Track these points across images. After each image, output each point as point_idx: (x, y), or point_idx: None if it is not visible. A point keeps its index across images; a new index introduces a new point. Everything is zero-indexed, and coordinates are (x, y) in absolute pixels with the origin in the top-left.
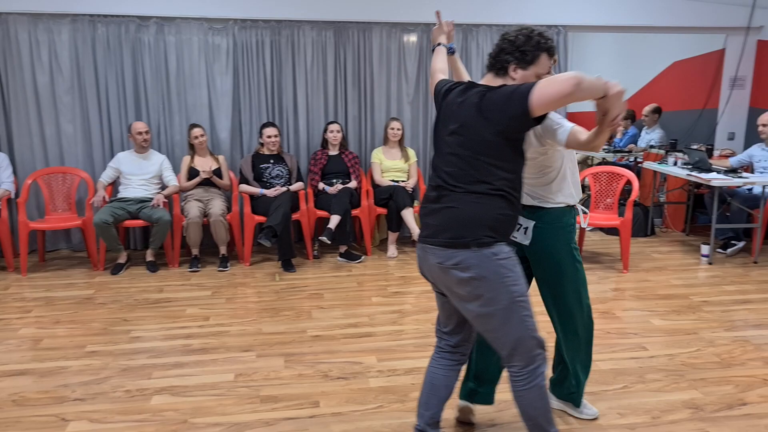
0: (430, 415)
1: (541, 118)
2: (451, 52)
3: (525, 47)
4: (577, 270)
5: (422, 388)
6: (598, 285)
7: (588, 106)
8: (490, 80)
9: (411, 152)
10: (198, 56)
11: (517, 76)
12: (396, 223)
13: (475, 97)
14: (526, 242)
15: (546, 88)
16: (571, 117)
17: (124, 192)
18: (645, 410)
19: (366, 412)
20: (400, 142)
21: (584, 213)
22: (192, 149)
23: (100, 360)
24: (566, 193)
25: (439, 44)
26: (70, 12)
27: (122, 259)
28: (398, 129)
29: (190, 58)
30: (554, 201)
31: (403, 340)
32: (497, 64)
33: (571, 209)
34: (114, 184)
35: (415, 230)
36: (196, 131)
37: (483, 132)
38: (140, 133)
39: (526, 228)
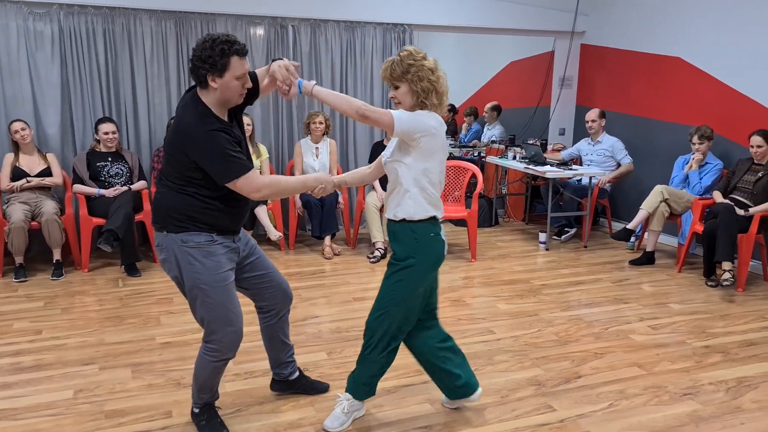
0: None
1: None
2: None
3: (213, 57)
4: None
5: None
6: (449, 274)
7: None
8: (200, 93)
9: (263, 148)
10: (17, 43)
11: (216, 84)
12: (250, 221)
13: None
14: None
15: None
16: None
17: None
18: (494, 390)
19: (224, 417)
20: (251, 138)
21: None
22: (15, 146)
23: None
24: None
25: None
26: None
27: None
28: (247, 125)
29: (8, 46)
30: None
31: (259, 341)
32: (197, 78)
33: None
34: None
35: (270, 228)
36: (16, 125)
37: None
38: None
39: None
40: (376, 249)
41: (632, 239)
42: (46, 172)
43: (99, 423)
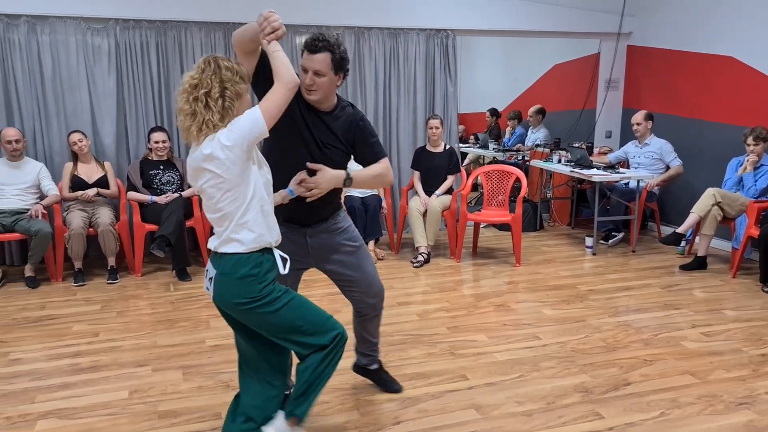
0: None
1: None
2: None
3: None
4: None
5: None
6: (493, 279)
7: (478, 106)
8: None
9: None
10: (76, 58)
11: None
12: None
13: None
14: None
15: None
16: (463, 117)
17: None
18: (540, 396)
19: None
20: None
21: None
22: (74, 156)
23: None
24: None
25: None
26: None
27: None
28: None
29: (68, 60)
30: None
31: None
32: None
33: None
34: None
35: None
36: (74, 137)
37: None
38: (10, 142)
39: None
40: (420, 254)
41: (683, 244)
42: (103, 180)
43: (153, 423)
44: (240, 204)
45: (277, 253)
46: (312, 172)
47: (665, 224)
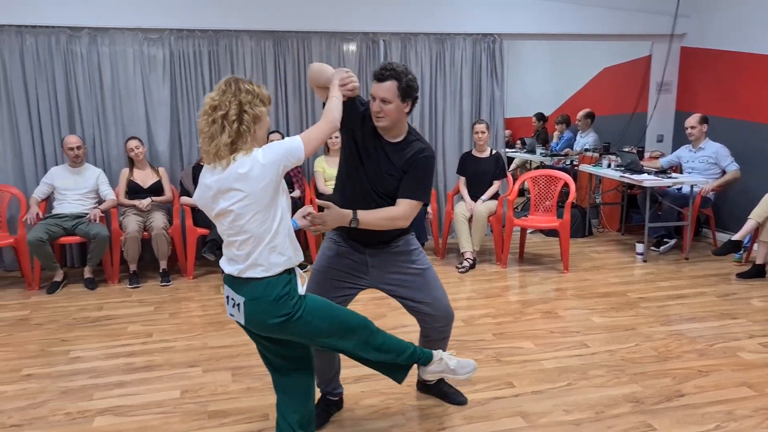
0: None
1: None
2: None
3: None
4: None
5: None
6: (540, 286)
7: (525, 111)
8: None
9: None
10: (133, 67)
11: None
12: None
13: None
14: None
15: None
16: (509, 122)
17: (59, 208)
18: (589, 406)
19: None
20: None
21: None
22: (131, 162)
23: (37, 383)
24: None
25: None
26: None
27: (59, 278)
28: (338, 138)
29: (125, 70)
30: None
31: None
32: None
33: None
34: (48, 200)
35: None
36: (131, 143)
37: None
38: (72, 149)
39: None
40: (465, 259)
41: (740, 251)
42: (158, 186)
43: (203, 423)
44: (269, 227)
45: (298, 271)
46: (322, 207)
47: (721, 231)
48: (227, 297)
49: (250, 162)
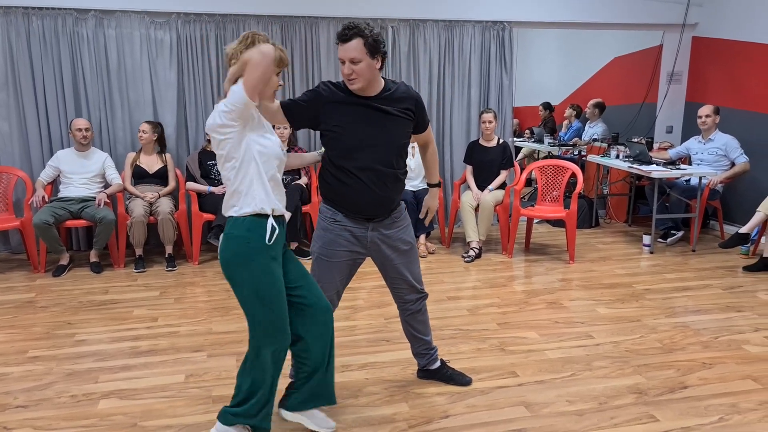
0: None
1: None
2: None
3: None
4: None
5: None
6: (546, 276)
7: (534, 100)
8: None
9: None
10: (140, 51)
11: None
12: None
13: None
14: None
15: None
16: (518, 111)
17: (65, 191)
18: (592, 396)
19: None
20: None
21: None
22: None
23: (43, 365)
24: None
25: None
26: (2, 4)
27: (64, 261)
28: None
29: (132, 53)
30: None
31: (356, 335)
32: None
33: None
34: (54, 184)
35: None
36: (144, 126)
37: None
38: (80, 130)
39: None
40: (471, 248)
41: (747, 244)
42: (163, 171)
43: (207, 407)
44: (237, 171)
45: (270, 220)
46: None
47: (728, 223)
48: None
49: (216, 109)
